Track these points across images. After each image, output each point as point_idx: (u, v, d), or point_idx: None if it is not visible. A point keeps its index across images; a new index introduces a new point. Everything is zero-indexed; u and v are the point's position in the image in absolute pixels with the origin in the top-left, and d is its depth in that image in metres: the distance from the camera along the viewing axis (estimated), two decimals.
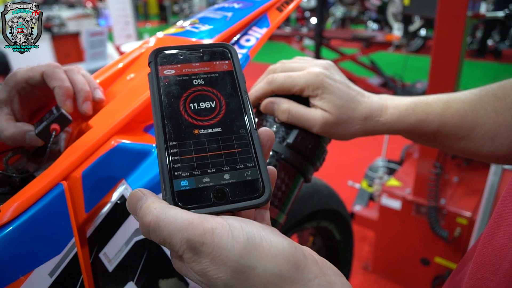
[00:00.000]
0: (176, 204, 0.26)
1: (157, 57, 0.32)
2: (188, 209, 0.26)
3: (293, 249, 0.26)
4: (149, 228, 0.25)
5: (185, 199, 0.26)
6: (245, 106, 0.31)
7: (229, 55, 0.34)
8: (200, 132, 0.29)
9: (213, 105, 0.30)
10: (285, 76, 0.50)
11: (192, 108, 0.30)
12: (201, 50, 0.33)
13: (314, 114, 0.49)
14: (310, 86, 0.48)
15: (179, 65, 0.32)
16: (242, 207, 0.27)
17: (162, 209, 0.26)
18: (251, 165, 0.29)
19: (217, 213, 0.27)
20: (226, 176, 0.28)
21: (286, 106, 0.49)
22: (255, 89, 0.52)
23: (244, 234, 0.25)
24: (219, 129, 0.30)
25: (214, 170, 0.28)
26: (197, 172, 0.27)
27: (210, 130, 0.29)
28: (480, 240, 0.33)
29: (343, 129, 0.50)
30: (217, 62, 0.33)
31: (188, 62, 0.32)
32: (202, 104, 0.30)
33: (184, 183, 0.27)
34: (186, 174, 0.27)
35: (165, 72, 0.31)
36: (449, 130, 0.49)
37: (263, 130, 0.31)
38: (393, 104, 0.51)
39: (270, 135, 0.31)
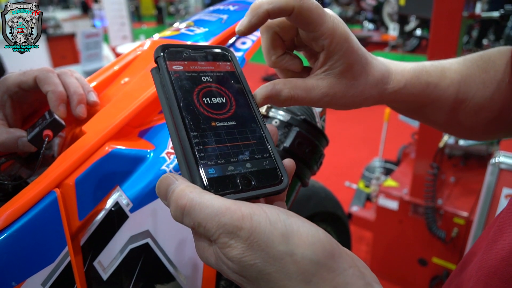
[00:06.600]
0: (207, 190, 0.27)
1: (164, 52, 0.32)
2: (220, 195, 0.26)
3: (328, 237, 0.26)
4: (184, 211, 0.26)
5: (214, 186, 0.27)
6: (252, 104, 0.33)
7: (229, 57, 0.36)
8: (217, 125, 0.30)
9: (224, 101, 0.32)
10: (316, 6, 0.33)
11: (206, 102, 0.31)
12: (204, 51, 0.34)
13: (321, 89, 0.37)
14: (336, 37, 0.34)
15: (185, 62, 0.33)
16: (268, 192, 0.29)
17: (198, 193, 0.26)
18: (267, 155, 0.31)
19: (246, 199, 0.27)
20: (248, 165, 0.29)
21: (288, 93, 0.36)
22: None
23: (282, 220, 0.25)
24: (234, 123, 0.31)
25: (236, 159, 0.29)
26: (222, 161, 0.29)
27: (225, 123, 0.31)
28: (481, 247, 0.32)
29: (351, 99, 0.39)
30: (220, 63, 0.35)
31: (194, 60, 0.33)
32: (214, 99, 0.32)
33: (211, 170, 0.28)
34: (212, 162, 0.28)
35: (174, 67, 0.32)
36: (443, 102, 0.45)
37: (268, 126, 0.34)
38: (398, 70, 0.42)
39: (275, 131, 0.35)
